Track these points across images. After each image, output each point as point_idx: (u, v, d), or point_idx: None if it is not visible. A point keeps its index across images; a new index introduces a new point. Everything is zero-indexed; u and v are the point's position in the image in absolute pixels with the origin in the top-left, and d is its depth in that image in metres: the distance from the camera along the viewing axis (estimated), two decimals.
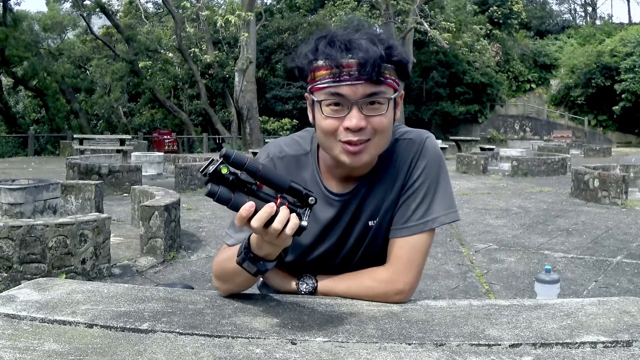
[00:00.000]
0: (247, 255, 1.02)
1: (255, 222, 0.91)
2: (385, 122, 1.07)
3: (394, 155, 1.19)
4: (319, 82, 1.06)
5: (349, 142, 1.06)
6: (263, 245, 0.98)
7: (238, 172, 0.93)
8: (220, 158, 0.93)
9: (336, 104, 1.05)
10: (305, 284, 1.21)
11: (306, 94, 1.13)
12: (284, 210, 0.92)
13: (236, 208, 0.92)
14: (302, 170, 1.21)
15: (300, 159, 1.22)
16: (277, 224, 0.91)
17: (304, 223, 0.94)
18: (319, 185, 1.20)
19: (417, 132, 1.22)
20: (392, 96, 1.06)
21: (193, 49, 23.28)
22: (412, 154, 1.18)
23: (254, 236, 1.01)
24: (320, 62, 1.05)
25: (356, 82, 1.02)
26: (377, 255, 1.24)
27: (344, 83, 1.03)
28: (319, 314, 1.06)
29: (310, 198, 0.96)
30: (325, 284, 1.20)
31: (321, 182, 1.20)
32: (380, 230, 1.22)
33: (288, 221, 0.92)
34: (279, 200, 0.94)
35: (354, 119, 1.04)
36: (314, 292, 1.20)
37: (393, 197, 1.19)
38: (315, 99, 1.07)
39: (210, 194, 0.92)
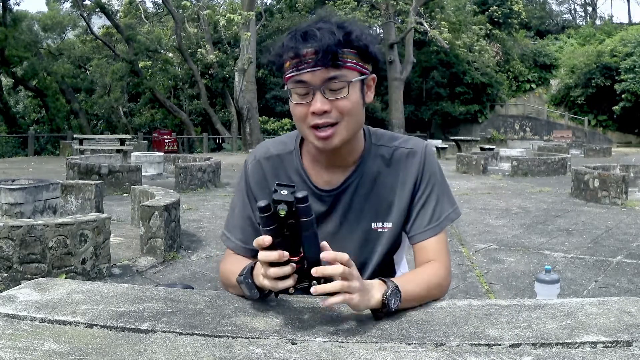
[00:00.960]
0: (245, 280, 1.08)
1: (262, 256, 0.97)
2: (349, 105, 1.13)
3: (395, 163, 1.25)
4: (287, 73, 1.13)
5: (316, 127, 1.13)
6: (260, 276, 1.03)
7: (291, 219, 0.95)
8: (292, 196, 0.94)
9: (303, 92, 1.12)
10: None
11: (285, 86, 1.19)
12: (289, 268, 0.96)
13: (264, 231, 0.96)
14: (288, 168, 1.27)
15: (285, 158, 1.28)
16: (274, 271, 0.96)
17: (291, 291, 0.99)
18: (306, 181, 1.25)
19: (414, 141, 1.29)
20: (354, 79, 1.12)
21: (199, 50, 23.25)
22: (418, 165, 1.25)
23: (259, 264, 1.06)
24: (286, 55, 1.12)
25: (314, 68, 1.09)
26: (387, 266, 1.31)
27: (304, 70, 1.10)
28: (319, 314, 1.06)
29: (314, 282, 0.99)
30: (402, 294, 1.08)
31: (308, 178, 1.25)
32: (396, 238, 1.28)
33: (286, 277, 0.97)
34: (297, 258, 0.97)
35: (317, 102, 1.11)
36: None
37: (403, 206, 1.25)
38: (286, 88, 1.15)
39: (262, 209, 0.94)
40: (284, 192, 0.94)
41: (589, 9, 48.19)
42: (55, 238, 3.80)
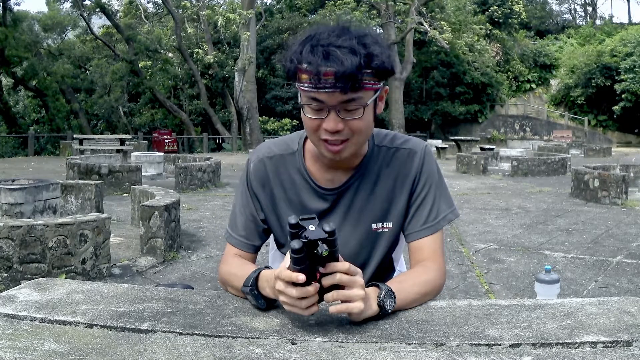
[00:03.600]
0: (252, 292, 1.08)
1: (300, 292, 0.95)
2: (362, 125, 1.13)
3: (395, 164, 1.26)
4: (302, 85, 1.11)
5: (327, 141, 1.13)
6: (267, 288, 1.05)
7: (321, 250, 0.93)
8: (323, 231, 0.91)
9: (318, 108, 1.11)
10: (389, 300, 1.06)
11: (298, 86, 1.17)
12: (313, 289, 0.96)
13: (296, 269, 0.93)
14: (290, 168, 1.28)
15: (287, 158, 1.29)
16: (296, 292, 0.95)
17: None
18: (308, 180, 1.27)
19: (414, 141, 1.30)
20: (369, 101, 1.11)
21: (196, 50, 23.24)
22: (416, 164, 1.27)
23: (263, 275, 1.08)
24: (304, 66, 1.09)
25: (332, 90, 1.07)
26: (386, 264, 1.34)
27: (322, 90, 1.07)
28: (319, 314, 1.06)
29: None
30: (399, 294, 1.08)
31: (309, 177, 1.26)
32: (396, 237, 1.30)
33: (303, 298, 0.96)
34: (314, 283, 0.96)
35: (331, 122, 1.11)
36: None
37: (402, 205, 1.27)
38: (299, 99, 1.15)
39: (297, 250, 0.91)
40: (312, 227, 0.92)
41: (589, 9, 48.19)
42: (55, 238, 3.80)
